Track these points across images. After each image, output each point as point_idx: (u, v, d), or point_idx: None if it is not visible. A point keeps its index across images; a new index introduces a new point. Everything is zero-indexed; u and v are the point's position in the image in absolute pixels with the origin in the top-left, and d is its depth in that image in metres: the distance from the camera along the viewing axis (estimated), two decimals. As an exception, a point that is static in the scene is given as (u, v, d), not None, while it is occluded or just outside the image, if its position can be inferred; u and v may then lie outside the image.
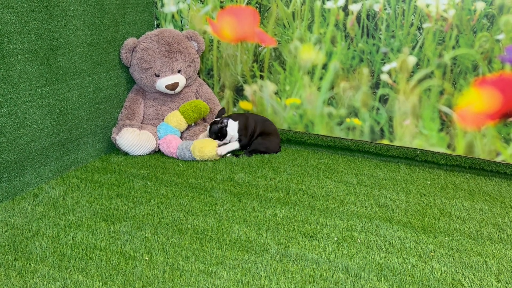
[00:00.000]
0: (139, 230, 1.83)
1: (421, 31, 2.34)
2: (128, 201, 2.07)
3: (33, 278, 1.53)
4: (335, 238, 1.80)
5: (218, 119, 2.59)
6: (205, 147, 2.49)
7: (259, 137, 2.66)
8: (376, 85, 2.51)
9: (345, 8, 2.45)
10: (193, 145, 2.50)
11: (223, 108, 2.68)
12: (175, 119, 2.64)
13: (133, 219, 1.92)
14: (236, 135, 2.61)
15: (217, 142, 2.56)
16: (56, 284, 1.50)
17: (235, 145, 2.62)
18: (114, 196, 2.12)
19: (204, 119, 2.86)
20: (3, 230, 1.82)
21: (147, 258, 1.65)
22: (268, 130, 2.69)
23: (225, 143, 2.62)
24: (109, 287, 1.49)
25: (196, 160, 2.53)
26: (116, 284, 1.51)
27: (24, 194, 2.12)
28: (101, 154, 2.61)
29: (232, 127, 2.60)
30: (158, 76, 2.64)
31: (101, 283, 1.51)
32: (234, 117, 2.62)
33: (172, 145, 2.56)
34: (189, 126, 2.74)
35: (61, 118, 2.30)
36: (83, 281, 1.52)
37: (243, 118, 2.64)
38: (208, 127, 2.58)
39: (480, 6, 2.21)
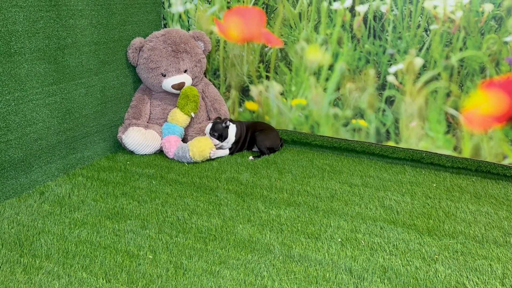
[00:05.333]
0: (143, 228, 1.84)
1: (428, 32, 2.33)
2: (133, 199, 2.08)
3: (38, 274, 1.54)
4: (339, 240, 1.80)
5: (220, 119, 2.62)
6: (204, 148, 2.48)
7: (257, 133, 2.65)
8: (382, 86, 2.50)
9: (352, 9, 2.45)
10: (191, 152, 2.47)
11: (218, 117, 2.69)
12: (171, 115, 2.64)
13: (137, 217, 1.93)
14: (233, 139, 2.61)
15: (213, 142, 2.54)
16: (60, 281, 1.51)
17: (226, 152, 2.63)
18: (119, 195, 2.13)
19: (208, 118, 2.86)
20: (9, 227, 1.83)
21: (151, 257, 1.65)
22: (261, 127, 2.70)
23: (221, 146, 2.61)
24: (113, 284, 1.50)
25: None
26: (119, 282, 1.52)
27: (30, 191, 2.14)
28: (107, 152, 2.62)
29: (232, 130, 2.61)
30: (165, 75, 2.65)
31: (104, 281, 1.52)
32: (230, 120, 2.62)
33: (169, 150, 2.55)
34: (192, 120, 2.74)
35: (67, 116, 2.32)
36: (87, 279, 1.53)
37: (238, 123, 2.67)
38: (210, 124, 2.57)
39: (488, 8, 2.20)
